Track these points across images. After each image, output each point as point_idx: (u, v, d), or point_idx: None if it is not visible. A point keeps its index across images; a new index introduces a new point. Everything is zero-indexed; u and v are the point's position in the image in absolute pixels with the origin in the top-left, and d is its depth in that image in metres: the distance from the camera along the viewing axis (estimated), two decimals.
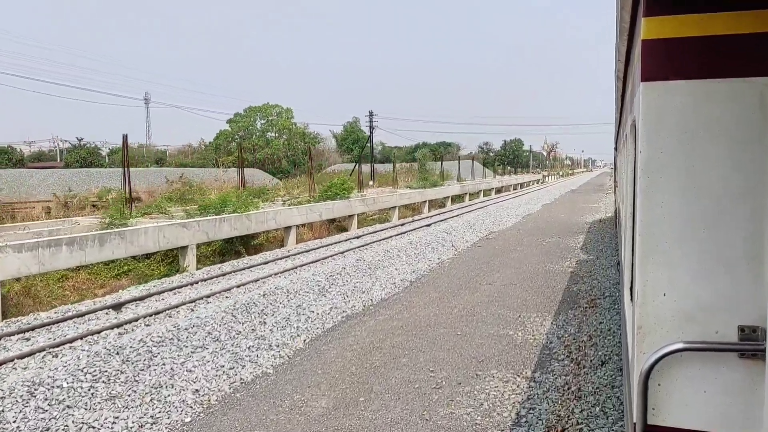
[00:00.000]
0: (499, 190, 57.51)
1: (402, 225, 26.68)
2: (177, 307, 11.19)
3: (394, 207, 29.77)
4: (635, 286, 2.89)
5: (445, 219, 28.78)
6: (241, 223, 18.61)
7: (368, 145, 57.34)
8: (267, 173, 75.88)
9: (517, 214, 30.77)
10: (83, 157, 63.85)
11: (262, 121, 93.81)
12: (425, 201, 34.66)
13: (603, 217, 28.64)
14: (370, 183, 51.98)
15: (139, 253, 14.85)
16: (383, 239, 20.91)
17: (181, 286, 13.43)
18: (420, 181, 42.64)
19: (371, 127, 54.25)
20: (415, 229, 24.16)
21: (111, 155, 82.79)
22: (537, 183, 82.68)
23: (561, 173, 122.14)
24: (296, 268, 15.23)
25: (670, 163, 2.69)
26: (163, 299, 12.35)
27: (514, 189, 63.38)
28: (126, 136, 22.85)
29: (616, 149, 16.98)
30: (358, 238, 22.09)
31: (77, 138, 76.57)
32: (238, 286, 13.11)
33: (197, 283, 13.96)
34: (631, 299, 3.34)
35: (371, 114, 53.95)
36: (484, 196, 49.57)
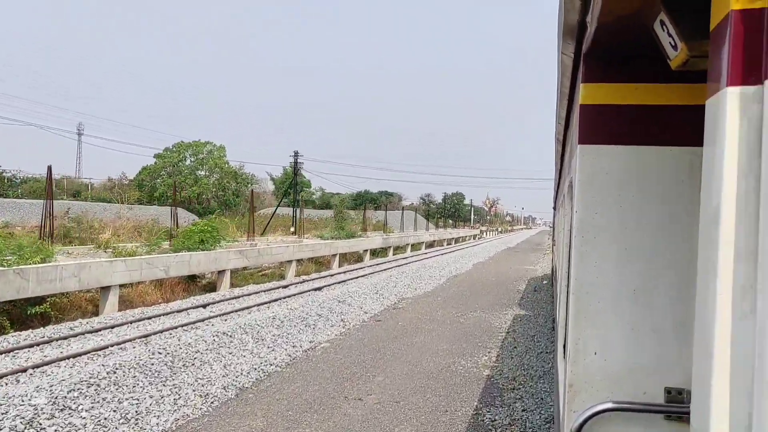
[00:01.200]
0: (430, 245, 52.89)
1: (296, 284, 21.53)
2: None
3: (291, 261, 24.47)
4: (568, 345, 2.93)
5: (352, 278, 23.84)
6: (5, 280, 12.38)
7: (297, 188, 52.25)
8: (192, 213, 70.44)
9: (441, 275, 26.12)
10: None
11: (192, 159, 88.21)
12: (335, 254, 29.48)
13: (539, 284, 24.10)
14: (291, 230, 46.37)
15: None
16: (246, 308, 15.61)
17: None
18: (335, 230, 37.45)
19: (295, 168, 49.41)
20: (303, 293, 19.08)
21: (21, 184, 75.49)
22: (474, 238, 78.75)
23: (500, 229, 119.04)
24: (58, 360, 9.84)
25: (605, 225, 2.79)
26: None
27: (449, 244, 58.95)
28: (50, 167, 22.08)
29: (554, 208, 17.52)
30: (215, 303, 16.74)
31: None
32: None
33: None
34: (564, 357, 3.36)
35: (296, 154, 49.20)
36: (412, 251, 44.80)
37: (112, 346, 10.72)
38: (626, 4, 2.14)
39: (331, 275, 25.19)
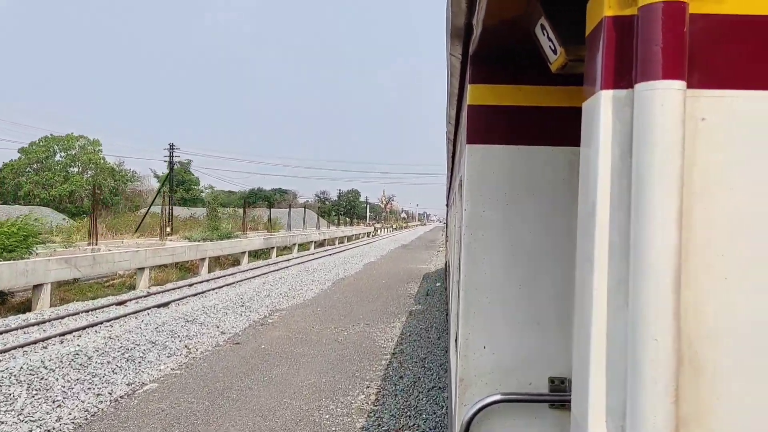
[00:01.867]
0: (321, 244, 49.87)
1: (141, 298, 17.84)
2: None
3: (143, 268, 20.67)
4: (458, 340, 3.03)
5: (218, 287, 20.33)
6: None
7: (169, 183, 47.59)
8: (62, 213, 63.95)
9: (326, 279, 23.37)
10: None
11: (63, 154, 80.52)
12: (204, 258, 25.81)
13: (431, 287, 21.75)
14: (168, 230, 41.73)
15: None
16: (45, 339, 11.83)
17: None
18: (207, 231, 33.56)
19: (171, 161, 44.81)
20: (143, 311, 15.39)
21: None
22: (368, 236, 76.40)
23: (395, 226, 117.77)
24: None
25: (492, 222, 2.92)
26: None
27: (341, 242, 56.18)
28: None
29: (447, 205, 17.71)
30: (10, 331, 12.89)
31: None
32: None
33: None
34: (456, 351, 3.39)
35: (172, 147, 44.62)
36: (299, 251, 41.57)
37: None
38: (509, 8, 2.25)
39: (190, 285, 21.35)
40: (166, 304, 16.20)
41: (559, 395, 2.79)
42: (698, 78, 1.34)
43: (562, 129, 2.83)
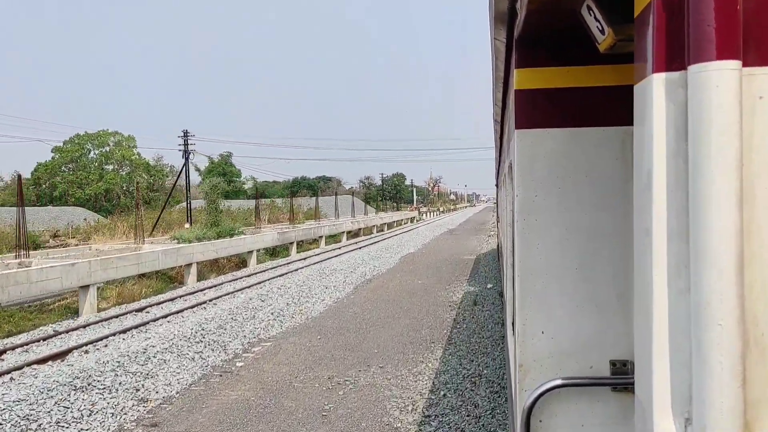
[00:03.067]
0: (356, 234, 44.58)
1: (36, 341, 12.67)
2: None
3: (88, 285, 15.58)
4: (516, 325, 3.04)
5: (185, 308, 15.35)
6: None
7: (183, 175, 43.17)
8: (94, 211, 61.94)
9: (346, 283, 18.54)
10: None
11: (97, 151, 78.28)
12: (191, 264, 20.67)
13: (482, 291, 16.14)
14: (186, 225, 37.37)
15: None
16: None
17: None
18: (205, 227, 28.40)
19: (186, 151, 40.24)
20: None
21: None
22: (412, 221, 70.50)
23: (441, 209, 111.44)
24: None
25: (545, 206, 2.88)
26: None
27: (379, 230, 50.84)
28: None
29: (497, 186, 16.97)
30: None
31: None
32: None
33: None
34: (513, 335, 3.42)
35: (186, 134, 40.05)
36: (328, 244, 36.42)
37: None
38: None
39: (159, 303, 16.76)
40: (64, 354, 10.94)
41: (621, 378, 2.75)
42: (754, 56, 1.30)
43: (613, 108, 2.78)
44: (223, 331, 12.13)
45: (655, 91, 1.35)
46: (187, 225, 38.76)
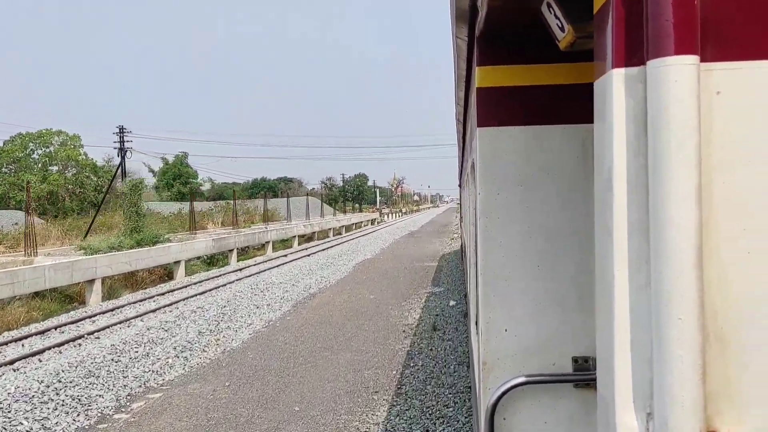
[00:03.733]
0: (310, 238, 41.46)
1: None
2: None
3: None
4: (479, 324, 3.06)
5: (38, 351, 11.55)
6: None
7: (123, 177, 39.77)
8: (37, 216, 57.77)
9: (282, 301, 15.92)
10: None
11: (40, 151, 74.10)
12: (94, 280, 17.23)
13: (443, 305, 13.44)
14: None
15: None
16: None
17: None
18: (126, 234, 24.97)
19: (122, 149, 36.72)
20: None
21: None
22: (372, 223, 67.56)
23: (404, 210, 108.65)
24: None
25: (507, 204, 2.89)
26: None
27: (337, 234, 47.90)
28: None
29: (460, 186, 16.57)
30: None
31: None
32: None
33: None
34: (477, 334, 3.44)
35: (122, 131, 36.49)
36: (276, 250, 33.21)
37: None
38: None
39: (21, 340, 12.75)
40: None
41: (583, 374, 2.79)
42: (711, 51, 1.32)
43: (574, 106, 2.78)
44: (94, 379, 9.02)
45: (615, 86, 1.37)
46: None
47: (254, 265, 26.66)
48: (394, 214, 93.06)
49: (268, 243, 33.69)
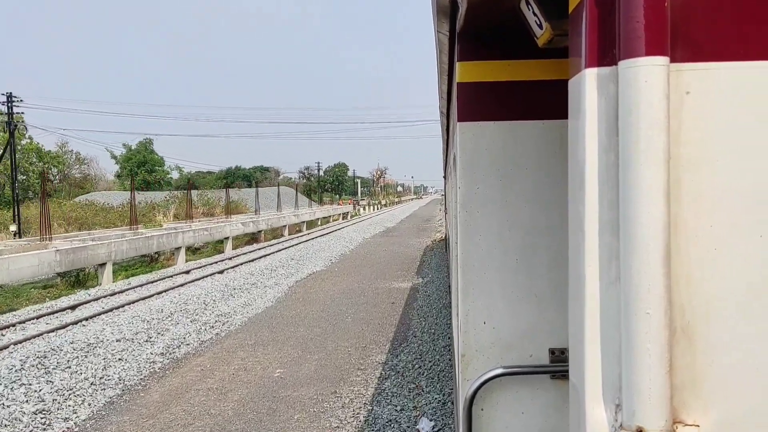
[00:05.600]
0: (255, 239, 33.18)
1: None
2: None
3: None
4: (459, 316, 3.11)
5: None
6: None
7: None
8: None
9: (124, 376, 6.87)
10: None
11: None
12: None
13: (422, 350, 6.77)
14: (13, 228, 25.87)
15: None
16: None
17: None
18: None
19: (10, 122, 28.47)
20: None
21: None
22: (344, 217, 59.07)
23: (384, 202, 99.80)
24: None
25: (486, 199, 2.94)
26: None
27: (297, 231, 39.92)
28: None
29: (445, 177, 17.28)
30: None
31: None
32: None
33: None
34: (457, 325, 3.57)
35: (10, 99, 28.16)
36: (197, 258, 25.05)
37: None
38: None
39: None
40: None
41: (559, 366, 2.85)
42: (681, 52, 1.37)
43: (552, 103, 2.81)
44: None
45: (588, 85, 1.40)
46: (12, 227, 26.65)
47: (162, 280, 18.57)
48: (373, 207, 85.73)
49: (179, 250, 24.43)
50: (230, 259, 24.69)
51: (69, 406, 7.56)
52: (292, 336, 10.98)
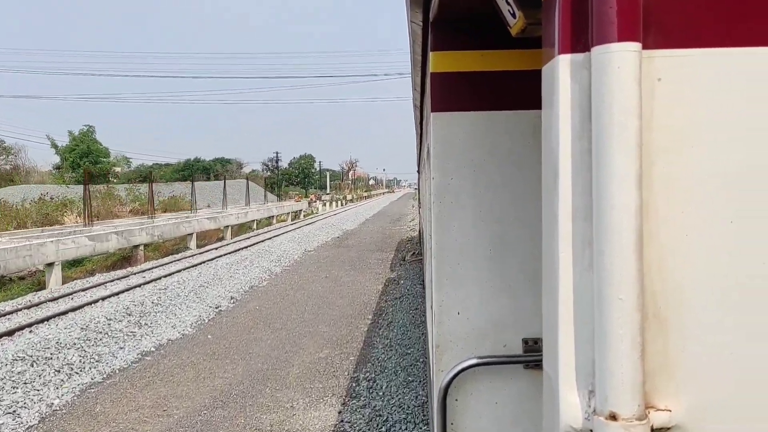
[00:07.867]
0: (126, 258, 23.01)
1: None
2: None
3: None
4: (433, 306, 3.16)
5: None
6: None
7: None
8: None
9: None
10: None
11: None
12: None
13: None
14: None
15: None
16: None
17: None
18: None
19: None
20: None
21: None
22: (296, 217, 48.50)
23: (349, 197, 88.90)
24: None
25: (460, 190, 2.95)
26: None
27: (219, 239, 30.11)
28: None
29: (418, 171, 17.26)
30: None
31: None
32: None
33: None
34: (431, 316, 3.68)
35: None
36: (26, 292, 15.15)
37: None
38: None
39: None
40: None
41: (532, 356, 2.87)
42: (653, 38, 1.38)
43: (527, 93, 2.77)
44: None
45: (561, 72, 1.40)
46: None
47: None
48: (336, 202, 74.84)
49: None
50: (178, 261, 18.04)
51: None
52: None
